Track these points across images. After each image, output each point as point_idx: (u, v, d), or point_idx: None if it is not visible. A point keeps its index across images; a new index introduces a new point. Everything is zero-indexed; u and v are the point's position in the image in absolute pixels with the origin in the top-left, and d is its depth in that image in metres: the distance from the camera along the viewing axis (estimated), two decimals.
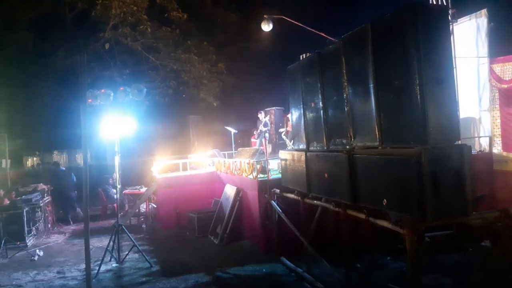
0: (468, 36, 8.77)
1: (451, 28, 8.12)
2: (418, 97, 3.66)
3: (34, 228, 9.85)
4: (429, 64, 3.66)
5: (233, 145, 12.38)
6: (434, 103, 3.68)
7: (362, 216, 4.60)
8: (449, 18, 8.06)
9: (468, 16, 8.79)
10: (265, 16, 11.24)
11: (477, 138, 8.80)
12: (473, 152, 7.57)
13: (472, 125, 8.96)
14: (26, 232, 9.19)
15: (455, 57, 7.31)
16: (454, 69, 5.87)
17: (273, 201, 7.29)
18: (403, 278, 5.04)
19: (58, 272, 7.36)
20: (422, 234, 3.91)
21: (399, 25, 3.85)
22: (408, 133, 3.84)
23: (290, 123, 9.97)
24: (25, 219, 9.20)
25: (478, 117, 8.79)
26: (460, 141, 4.04)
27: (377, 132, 4.24)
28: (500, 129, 8.27)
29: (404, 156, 3.80)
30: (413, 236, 3.80)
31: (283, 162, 6.96)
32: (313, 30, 10.01)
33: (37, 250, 8.68)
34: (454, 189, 3.70)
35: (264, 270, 6.85)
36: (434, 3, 8.28)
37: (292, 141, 8.15)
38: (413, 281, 3.87)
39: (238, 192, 8.94)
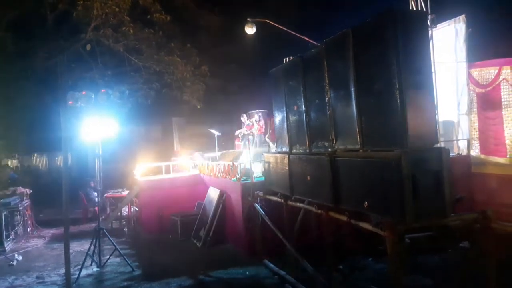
0: (447, 41, 8.96)
1: (430, 33, 8.29)
2: (398, 101, 3.73)
3: (12, 232, 9.63)
4: (408, 68, 3.74)
5: (217, 148, 12.35)
6: (413, 107, 3.75)
7: (344, 218, 4.65)
8: (429, 23, 8.24)
9: (448, 21, 8.98)
10: (248, 19, 11.28)
11: (455, 141, 8.99)
12: (452, 155, 7.74)
13: (451, 128, 9.15)
14: (4, 236, 8.99)
15: (434, 62, 7.46)
16: (433, 73, 6.00)
17: (256, 204, 7.30)
18: (385, 279, 5.12)
19: (37, 277, 7.21)
20: (402, 236, 3.98)
21: (379, 30, 3.92)
22: (388, 136, 3.91)
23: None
24: (3, 223, 9.00)
25: (456, 120, 8.99)
26: (439, 144, 4.14)
27: (358, 135, 4.31)
28: (478, 133, 8.46)
29: (384, 159, 3.86)
30: (393, 237, 3.86)
31: (266, 164, 6.99)
32: (296, 34, 10.08)
33: (16, 255, 8.48)
34: (433, 191, 3.78)
35: (247, 273, 6.85)
36: (414, 8, 8.45)
37: (276, 143, 8.19)
38: (395, 282, 3.93)
39: (221, 195, 8.92)
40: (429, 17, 8.44)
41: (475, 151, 8.50)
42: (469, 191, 7.64)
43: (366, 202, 4.13)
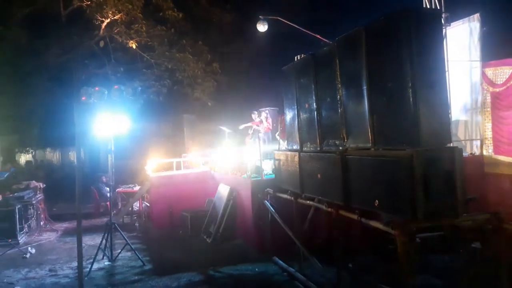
0: (461, 40, 8.86)
1: (444, 32, 8.21)
2: (411, 100, 3.71)
3: (26, 226, 9.79)
4: (422, 67, 3.72)
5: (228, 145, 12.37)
6: (426, 106, 3.73)
7: (354, 216, 4.65)
8: (442, 22, 8.15)
9: (462, 20, 8.88)
10: (260, 16, 11.28)
11: (468, 141, 8.90)
12: (465, 154, 7.66)
13: (463, 128, 9.05)
14: (18, 229, 9.14)
15: (447, 61, 7.39)
16: (447, 72, 5.94)
17: (266, 201, 7.32)
18: (395, 278, 5.10)
19: (50, 270, 7.33)
20: (413, 235, 3.96)
21: (392, 29, 3.90)
22: (400, 135, 3.90)
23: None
24: (17, 217, 9.15)
25: (469, 120, 8.89)
26: (451, 144, 4.10)
27: (369, 133, 4.29)
28: (491, 132, 8.36)
29: (396, 158, 3.85)
30: (404, 237, 3.85)
31: (276, 162, 7.00)
32: (307, 31, 10.06)
33: (29, 248, 8.63)
34: (445, 191, 3.76)
35: (256, 269, 6.88)
36: (428, 6, 8.37)
37: (286, 141, 8.20)
38: (404, 282, 3.92)
39: (231, 191, 8.95)
40: (443, 15, 8.36)
41: (488, 151, 8.40)
42: (481, 192, 7.55)
43: (376, 201, 4.13)
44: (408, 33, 3.70)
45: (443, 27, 8.16)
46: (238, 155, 10.11)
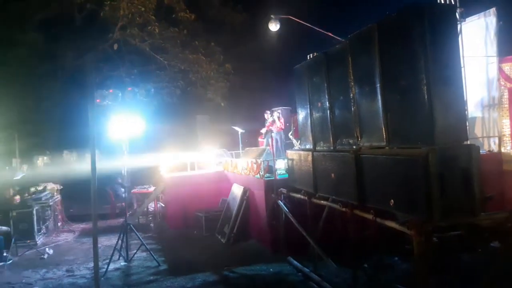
0: (477, 35, 8.68)
1: (459, 27, 8.05)
2: (426, 97, 3.64)
3: (44, 227, 9.96)
4: (437, 63, 3.65)
5: (240, 145, 12.40)
6: (441, 103, 3.66)
7: (369, 216, 4.59)
8: (457, 17, 8.00)
9: (477, 15, 8.70)
10: (272, 16, 11.25)
11: (485, 138, 8.72)
12: (482, 152, 7.50)
13: (480, 124, 8.87)
14: (36, 230, 9.31)
15: (463, 57, 7.25)
16: (462, 68, 5.83)
17: (280, 201, 7.30)
18: (411, 279, 5.02)
19: (67, 271, 7.44)
20: (430, 235, 3.89)
21: (406, 25, 3.84)
22: (415, 133, 3.83)
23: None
24: (35, 218, 9.32)
25: (486, 116, 8.71)
26: (468, 141, 4.02)
27: (384, 132, 4.24)
28: (509, 129, 8.18)
29: (411, 157, 3.79)
30: (420, 236, 3.78)
31: (290, 162, 6.97)
32: (320, 30, 9.99)
33: (47, 249, 8.78)
34: (462, 189, 3.68)
35: (271, 269, 6.87)
36: (442, 2, 8.22)
37: (299, 141, 8.16)
38: (421, 282, 3.86)
39: (245, 191, 8.95)
40: (458, 10, 8.19)
41: (506, 148, 8.21)
42: (499, 190, 7.38)
43: (392, 200, 4.07)
44: (422, 29, 3.63)
45: (458, 23, 8.00)
46: (251, 155, 10.10)
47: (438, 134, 3.64)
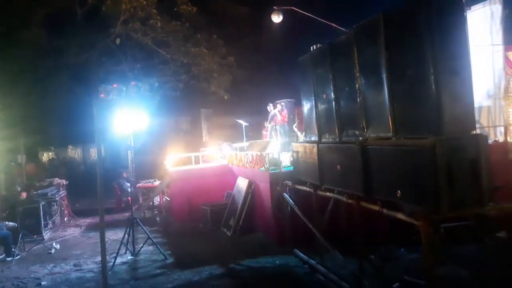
0: (482, 23, 8.58)
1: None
2: (433, 87, 3.59)
3: (50, 222, 10.04)
4: (444, 52, 3.59)
5: (245, 138, 12.39)
6: (449, 93, 3.60)
7: (376, 208, 4.57)
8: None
9: (482, 3, 8.60)
10: (274, 7, 11.16)
11: (491, 128, 8.65)
12: (488, 141, 7.44)
13: (487, 114, 8.80)
14: (42, 225, 9.38)
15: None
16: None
17: (285, 193, 7.29)
18: (418, 270, 5.02)
19: (74, 265, 7.50)
20: (438, 226, 3.87)
21: (412, 13, 3.78)
22: (422, 123, 3.79)
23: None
24: (41, 213, 9.38)
25: (492, 106, 8.63)
26: (475, 131, 3.97)
27: (390, 123, 4.19)
28: None
29: (418, 147, 3.75)
30: (428, 227, 3.76)
31: (295, 154, 6.95)
32: (323, 20, 9.90)
33: (54, 243, 8.84)
34: (470, 179, 3.64)
35: (277, 262, 6.88)
36: None
37: (304, 133, 8.13)
38: (429, 273, 3.84)
39: (250, 184, 8.96)
40: None
41: None
42: (507, 180, 7.32)
43: (399, 191, 4.04)
44: (429, 18, 3.57)
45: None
46: (256, 148, 10.09)
47: (446, 124, 3.59)
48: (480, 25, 8.59)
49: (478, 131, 5.83)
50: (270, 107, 12.57)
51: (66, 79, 16.24)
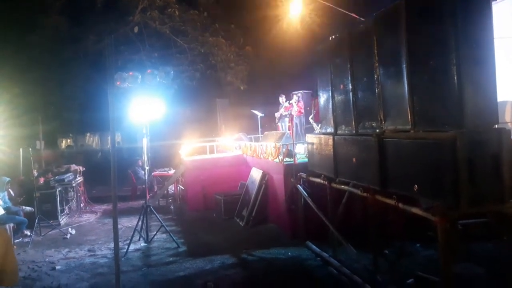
0: (508, 15, 8.25)
1: None
2: (455, 78, 3.45)
3: (66, 207, 10.21)
4: (468, 42, 3.45)
5: (260, 129, 12.33)
6: (471, 84, 3.47)
7: (392, 202, 4.46)
8: None
9: None
10: None
11: None
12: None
13: (510, 110, 8.51)
14: (59, 211, 9.55)
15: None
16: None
17: (299, 185, 7.22)
18: (434, 266, 4.90)
19: (89, 250, 7.61)
20: (455, 222, 3.76)
21: (436, 1, 3.63)
22: (442, 116, 3.66)
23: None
24: (58, 199, 9.54)
25: None
26: (498, 125, 3.82)
27: (409, 115, 4.06)
28: None
29: (438, 140, 3.63)
30: (445, 223, 3.65)
31: (310, 146, 6.85)
32: (343, 10, 9.70)
33: (70, 229, 8.99)
34: (491, 175, 3.51)
35: (289, 253, 6.84)
36: None
37: (320, 124, 8.02)
38: (445, 270, 3.74)
39: (264, 175, 8.91)
40: None
41: None
42: None
43: (416, 186, 3.93)
44: (453, 5, 3.43)
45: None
46: (271, 139, 10.01)
47: (467, 117, 3.46)
48: (506, 17, 8.27)
49: (500, 125, 5.64)
50: (282, 98, 12.36)
51: (85, 67, 16.39)
